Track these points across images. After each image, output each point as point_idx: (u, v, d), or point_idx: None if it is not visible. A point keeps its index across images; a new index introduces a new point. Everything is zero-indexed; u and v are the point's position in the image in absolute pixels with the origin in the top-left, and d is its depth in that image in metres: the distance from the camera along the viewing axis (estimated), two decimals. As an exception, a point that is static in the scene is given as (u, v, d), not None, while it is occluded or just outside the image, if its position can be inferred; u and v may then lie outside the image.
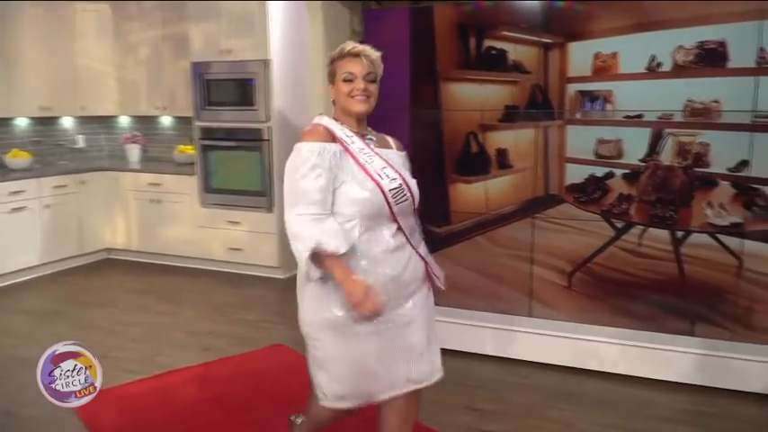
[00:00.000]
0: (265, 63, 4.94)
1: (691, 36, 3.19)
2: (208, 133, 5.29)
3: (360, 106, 2.05)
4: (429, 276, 2.21)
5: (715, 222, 3.30)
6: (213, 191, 5.34)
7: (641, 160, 3.39)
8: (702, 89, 3.23)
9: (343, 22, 5.62)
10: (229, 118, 5.16)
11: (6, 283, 5.13)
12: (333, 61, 2.09)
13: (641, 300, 3.48)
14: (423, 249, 2.18)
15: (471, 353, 3.73)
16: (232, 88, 5.10)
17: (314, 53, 5.34)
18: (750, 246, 3.25)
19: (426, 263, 2.18)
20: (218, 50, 5.08)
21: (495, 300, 3.75)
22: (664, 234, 3.40)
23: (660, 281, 3.44)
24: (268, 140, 5.05)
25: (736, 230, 3.26)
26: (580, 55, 3.42)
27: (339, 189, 1.99)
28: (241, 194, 5.22)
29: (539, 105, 3.55)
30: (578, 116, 3.50)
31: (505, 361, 3.68)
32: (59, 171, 5.56)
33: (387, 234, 2.05)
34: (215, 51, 5.09)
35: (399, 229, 2.07)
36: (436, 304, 2.30)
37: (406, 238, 2.09)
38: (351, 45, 2.09)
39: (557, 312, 3.65)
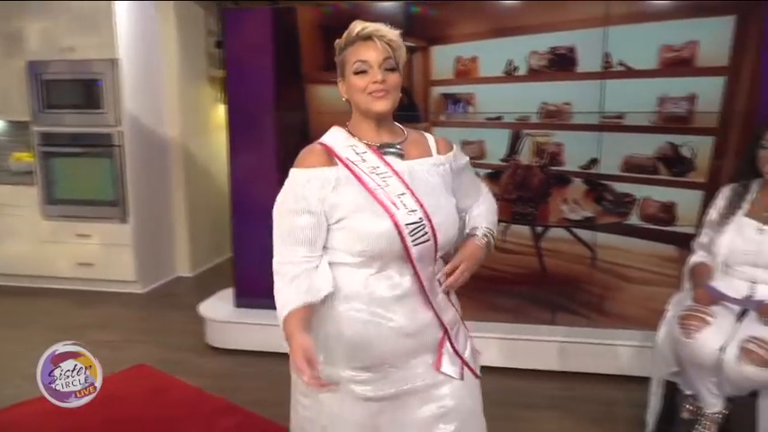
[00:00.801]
0: (113, 62, 4.58)
1: (543, 42, 3.38)
2: (48, 139, 4.80)
3: (380, 104, 1.58)
4: (440, 351, 1.66)
5: (570, 217, 3.52)
6: (57, 202, 4.87)
7: (502, 160, 3.54)
8: (555, 92, 3.43)
9: (198, 21, 5.37)
10: (73, 122, 4.72)
11: None
12: (340, 51, 1.65)
13: (507, 293, 3.63)
14: (449, 317, 1.66)
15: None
16: (75, 89, 4.67)
17: (167, 53, 5.05)
18: (601, 237, 3.50)
19: (447, 332, 1.65)
20: (59, 48, 4.63)
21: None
22: (525, 230, 3.58)
23: (523, 275, 3.61)
24: (119, 146, 4.69)
25: (588, 224, 3.50)
26: (442, 59, 3.50)
27: (341, 224, 1.57)
28: (90, 205, 4.80)
29: (405, 108, 3.55)
30: (443, 118, 3.58)
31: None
32: None
33: (397, 276, 1.59)
34: (54, 49, 4.64)
35: (416, 276, 1.59)
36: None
37: (422, 288, 1.60)
38: (360, 25, 1.62)
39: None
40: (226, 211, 4.06)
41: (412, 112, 3.57)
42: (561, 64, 3.38)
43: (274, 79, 3.61)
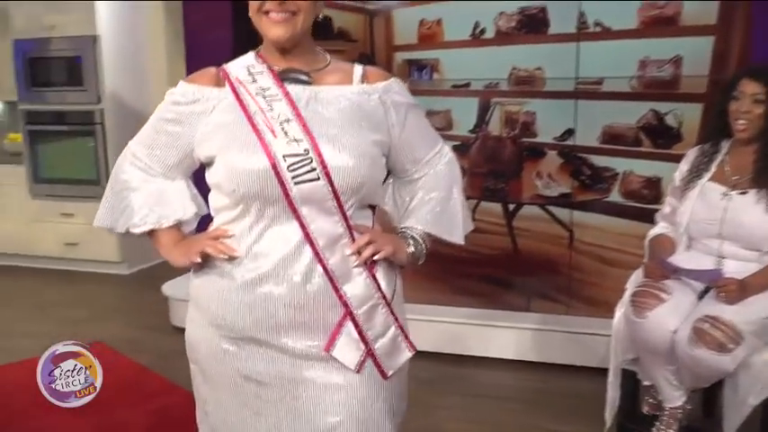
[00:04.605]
0: (93, 39, 4.52)
1: (512, 2, 3.11)
2: (34, 117, 4.79)
3: (276, 30, 1.28)
4: (336, 330, 1.32)
5: (544, 193, 3.24)
6: (43, 181, 4.86)
7: (470, 131, 3.29)
8: (526, 56, 3.16)
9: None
10: (57, 100, 4.69)
11: None
12: None
13: (476, 276, 3.38)
14: (356, 291, 1.31)
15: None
16: (58, 67, 4.64)
17: (151, 29, 4.93)
18: (579, 216, 3.20)
19: (349, 310, 1.31)
20: (42, 26, 4.61)
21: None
22: (496, 207, 3.31)
23: (495, 256, 3.35)
24: (100, 124, 4.63)
25: (564, 201, 3.21)
26: (405, 22, 3.28)
27: (215, 160, 1.31)
28: (74, 184, 4.76)
29: (367, 76, 3.38)
30: (406, 87, 3.35)
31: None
32: None
33: (283, 228, 1.28)
34: (38, 27, 4.62)
35: (301, 227, 1.27)
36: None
37: (313, 250, 1.27)
38: None
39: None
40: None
41: (374, 79, 3.37)
42: (532, 26, 3.11)
43: (232, 50, 3.46)
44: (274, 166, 1.24)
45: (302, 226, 1.27)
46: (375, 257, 1.31)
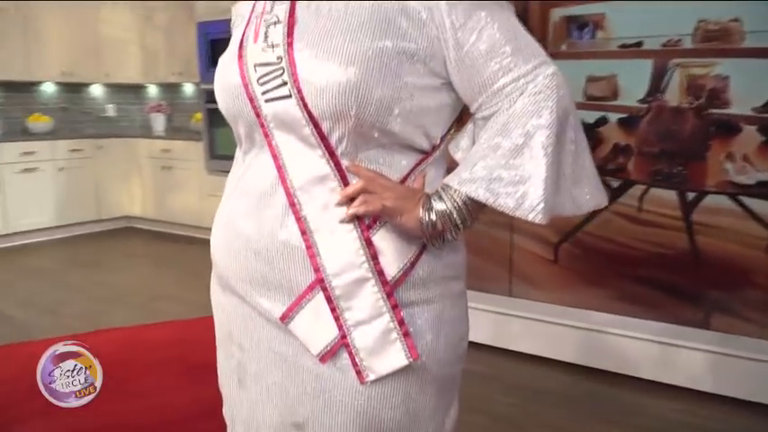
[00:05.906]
0: (264, 17, 4.61)
1: (702, -65, 2.48)
2: (212, 96, 5.04)
3: None
4: (299, 297, 1.00)
5: (737, 180, 2.55)
6: (218, 157, 5.11)
7: (641, 101, 2.70)
8: (718, 5, 2.50)
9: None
10: (231, 79, 4.90)
11: (20, 243, 5.22)
12: None
13: (641, 280, 2.77)
14: (335, 257, 0.97)
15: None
16: (233, 47, 4.84)
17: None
18: (784, 212, 2.47)
19: (321, 280, 0.97)
20: (222, 8, 4.82)
21: (471, 275, 3.16)
22: (671, 196, 2.68)
23: (666, 256, 2.71)
24: (267, 102, 4.72)
25: (765, 191, 2.49)
26: (566, -29, 2.79)
27: None
28: (242, 161, 4.94)
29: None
30: (564, 48, 2.85)
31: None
32: (75, 135, 5.61)
33: (265, 165, 1.01)
34: (219, 10, 4.85)
35: (276, 163, 0.99)
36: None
37: (285, 189, 0.98)
38: None
39: (540, 292, 3.01)
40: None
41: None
42: (728, -36, 2.45)
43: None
44: (243, 77, 1.00)
45: (273, 156, 0.99)
46: (352, 212, 0.96)
